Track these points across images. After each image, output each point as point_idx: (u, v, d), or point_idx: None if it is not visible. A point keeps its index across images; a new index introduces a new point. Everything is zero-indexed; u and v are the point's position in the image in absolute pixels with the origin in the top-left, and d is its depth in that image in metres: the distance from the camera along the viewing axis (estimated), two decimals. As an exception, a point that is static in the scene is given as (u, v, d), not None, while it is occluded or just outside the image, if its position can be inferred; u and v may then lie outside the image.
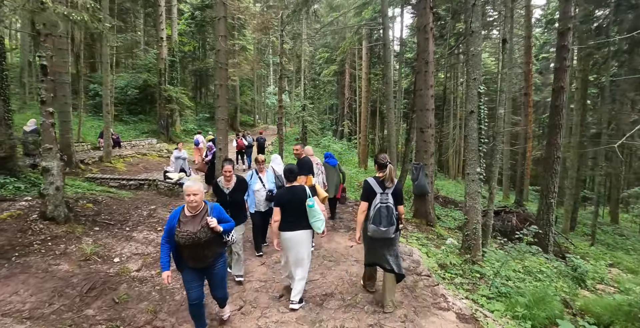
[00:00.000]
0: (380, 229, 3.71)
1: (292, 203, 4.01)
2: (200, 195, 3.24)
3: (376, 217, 3.73)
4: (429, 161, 9.25)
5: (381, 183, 3.85)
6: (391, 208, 3.76)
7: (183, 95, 22.01)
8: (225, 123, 9.46)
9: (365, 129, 20.51)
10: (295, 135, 34.70)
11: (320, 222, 4.01)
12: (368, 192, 3.89)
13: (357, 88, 24.61)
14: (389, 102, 11.54)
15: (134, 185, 11.11)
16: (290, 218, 4.02)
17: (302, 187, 4.13)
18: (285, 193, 4.08)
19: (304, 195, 4.02)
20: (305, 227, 4.06)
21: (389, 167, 3.89)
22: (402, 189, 4.34)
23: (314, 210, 3.98)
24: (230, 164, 4.75)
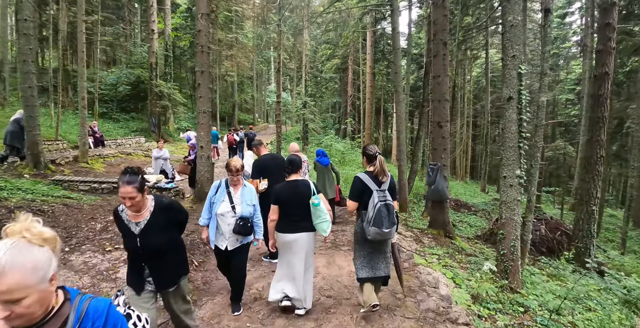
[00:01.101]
0: (383, 231, 3.25)
1: (293, 200, 3.48)
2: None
3: (377, 218, 3.24)
4: (447, 161, 7.81)
5: (375, 179, 3.39)
6: (392, 206, 3.34)
7: (175, 91, 20.67)
8: (209, 117, 8.07)
9: (369, 127, 19.08)
10: (297, 134, 33.31)
11: (326, 223, 3.47)
12: (360, 190, 3.40)
13: (361, 83, 23.21)
14: (399, 94, 10.11)
15: (107, 188, 9.73)
16: (291, 217, 3.49)
17: (305, 182, 3.57)
18: (285, 189, 3.54)
19: (307, 192, 3.50)
20: (308, 228, 3.53)
21: (378, 159, 3.45)
22: (395, 183, 3.68)
23: (320, 209, 3.44)
24: (135, 181, 2.33)
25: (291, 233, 3.49)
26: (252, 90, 37.98)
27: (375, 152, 3.50)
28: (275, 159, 5.15)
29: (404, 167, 10.49)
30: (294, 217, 3.50)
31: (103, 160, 13.09)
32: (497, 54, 41.72)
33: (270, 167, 4.95)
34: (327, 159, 7.37)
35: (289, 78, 49.73)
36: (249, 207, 3.54)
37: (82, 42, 11.78)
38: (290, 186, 3.55)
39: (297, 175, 3.66)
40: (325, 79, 38.04)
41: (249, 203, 3.56)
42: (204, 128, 8.01)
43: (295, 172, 3.66)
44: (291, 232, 3.49)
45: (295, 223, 3.50)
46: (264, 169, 4.96)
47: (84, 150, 11.96)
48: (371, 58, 18.86)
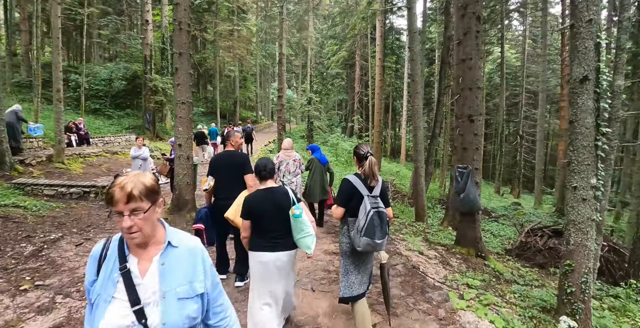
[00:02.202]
0: (375, 242, 2.78)
1: (269, 212, 2.83)
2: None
3: (369, 228, 2.77)
4: (480, 163, 6.35)
5: (365, 182, 2.91)
6: (384, 215, 2.87)
7: (171, 86, 19.30)
8: (188, 109, 6.68)
9: (379, 124, 17.62)
10: (301, 132, 31.92)
11: (310, 237, 2.84)
12: (349, 195, 2.90)
13: (370, 78, 21.74)
14: (416, 84, 8.66)
15: (76, 193, 8.42)
16: (268, 233, 2.84)
17: (282, 190, 2.93)
18: (259, 199, 2.88)
19: (286, 201, 2.86)
20: (288, 246, 2.88)
21: (369, 160, 2.94)
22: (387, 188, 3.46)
23: (302, 221, 2.80)
24: None
25: (270, 251, 2.84)
26: (256, 87, 36.61)
27: (367, 152, 3.03)
28: (230, 157, 4.10)
29: (421, 169, 9.03)
30: (271, 233, 2.85)
31: (83, 159, 11.80)
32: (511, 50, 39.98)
33: (221, 165, 4.06)
34: (325, 156, 6.36)
35: (295, 75, 48.39)
36: (185, 307, 1.26)
37: (57, 27, 10.46)
38: (264, 195, 2.89)
39: (271, 181, 3.00)
40: (332, 75, 36.60)
41: (186, 292, 1.28)
42: (183, 122, 6.63)
43: (270, 176, 3.00)
44: (270, 250, 2.84)
45: (273, 241, 2.85)
46: (214, 167, 4.11)
47: (60, 148, 10.67)
48: (381, 49, 17.38)
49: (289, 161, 6.10)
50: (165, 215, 6.51)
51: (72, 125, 13.51)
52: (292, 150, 6.22)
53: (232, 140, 4.29)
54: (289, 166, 6.09)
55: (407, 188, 14.91)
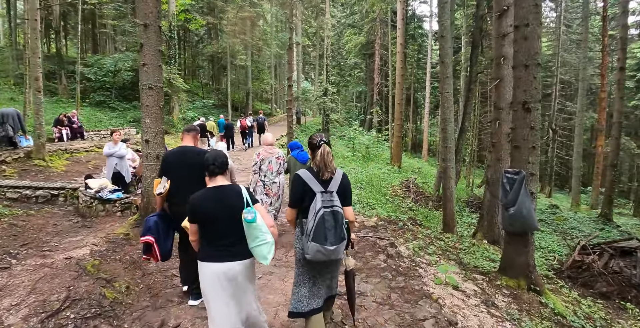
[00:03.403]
0: (327, 248, 2.35)
1: (218, 215, 2.37)
2: None
3: (319, 231, 2.36)
4: (537, 167, 4.74)
5: (318, 176, 2.51)
6: (340, 215, 2.43)
7: (177, 76, 18.15)
8: (158, 95, 5.31)
9: (400, 117, 15.96)
10: (317, 125, 30.48)
11: (266, 246, 2.36)
12: (301, 193, 2.52)
13: (390, 66, 20.00)
14: (446, 66, 7.07)
15: (43, 196, 7.24)
16: (218, 240, 2.40)
17: (234, 189, 2.47)
18: (206, 199, 2.41)
19: (238, 202, 2.40)
20: (243, 255, 2.42)
21: (321, 149, 2.55)
22: (349, 183, 2.66)
23: (256, 227, 2.33)
24: None
25: (220, 262, 2.35)
26: (271, 79, 35.22)
27: (319, 141, 2.58)
28: (188, 154, 3.41)
29: (451, 170, 7.45)
30: (221, 240, 2.39)
31: (70, 155, 10.69)
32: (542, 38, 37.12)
33: (177, 164, 3.40)
34: (305, 154, 5.44)
35: (312, 67, 46.77)
36: None
37: (34, 8, 9.28)
38: (212, 195, 2.41)
39: (223, 178, 2.48)
40: (350, 65, 34.90)
41: None
42: (151, 113, 5.27)
43: (221, 172, 2.47)
44: (220, 260, 2.35)
45: (223, 249, 2.39)
46: (168, 166, 3.43)
47: (40, 144, 9.57)
48: (402, 33, 15.65)
49: (271, 159, 5.31)
50: (126, 229, 5.19)
51: (64, 118, 12.45)
52: (274, 147, 5.44)
53: (193, 134, 3.57)
54: (272, 165, 5.31)
55: (430, 189, 13.29)
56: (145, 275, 4.10)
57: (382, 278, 3.99)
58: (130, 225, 5.32)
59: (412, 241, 6.43)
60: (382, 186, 11.82)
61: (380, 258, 4.56)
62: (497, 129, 7.51)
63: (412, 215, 9.83)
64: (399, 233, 6.89)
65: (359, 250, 4.94)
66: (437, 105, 38.21)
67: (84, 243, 4.78)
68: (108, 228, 5.58)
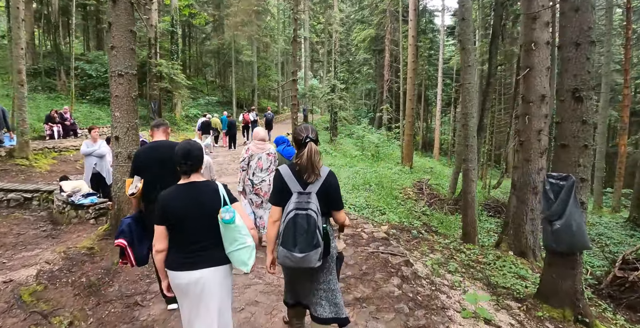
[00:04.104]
0: (294, 256, 2.10)
1: (190, 214, 2.06)
2: None
3: (287, 235, 2.13)
4: (589, 172, 3.82)
5: (300, 176, 2.21)
6: (313, 219, 2.10)
7: (178, 72, 17.42)
8: (129, 84, 4.52)
9: (411, 114, 15.03)
10: (325, 123, 29.62)
11: (246, 250, 2.07)
12: (280, 191, 2.26)
13: (402, 61, 19.05)
14: (467, 54, 6.17)
15: (15, 200, 6.52)
16: (190, 244, 2.08)
17: (209, 186, 2.17)
18: (177, 197, 2.09)
19: (214, 201, 2.09)
20: (217, 260, 2.10)
21: (308, 147, 2.21)
22: (337, 186, 2.29)
23: (235, 228, 2.04)
24: None
25: (190, 270, 2.04)
26: (278, 77, 34.43)
27: (306, 137, 2.24)
28: (162, 149, 3.08)
29: (473, 172, 6.54)
30: (193, 244, 2.07)
31: (58, 154, 10.01)
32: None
33: (150, 161, 3.06)
34: (292, 149, 4.89)
35: (320, 64, 45.84)
36: None
37: (17, -7, 8.59)
38: (185, 192, 2.10)
39: (197, 175, 2.18)
40: (359, 61, 33.97)
41: None
42: (122, 105, 4.47)
43: (195, 170, 2.15)
44: (190, 268, 2.04)
45: (196, 254, 2.06)
46: (141, 164, 3.08)
47: (23, 141, 8.88)
48: (414, 26, 14.71)
49: (261, 155, 4.70)
50: (93, 241, 4.40)
51: (55, 115, 11.78)
52: (266, 142, 4.84)
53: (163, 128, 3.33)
54: (262, 161, 4.71)
55: (444, 190, 12.36)
56: (100, 304, 3.31)
57: (396, 312, 3.13)
58: (97, 237, 4.53)
59: (429, 254, 5.55)
60: (393, 188, 10.93)
61: (393, 283, 3.70)
62: (526, 125, 6.57)
63: (426, 221, 8.95)
64: (414, 245, 6.02)
65: (367, 270, 4.08)
66: (449, 102, 37.15)
67: (36, 260, 4.00)
68: (74, 239, 4.81)
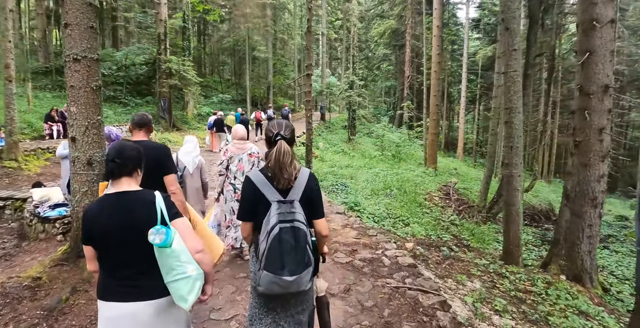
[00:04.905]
0: (284, 280, 1.72)
1: (116, 234, 1.63)
2: None
3: (272, 255, 1.73)
4: None
5: (272, 180, 1.86)
6: (302, 232, 1.77)
7: (188, 68, 16.67)
8: (89, 71, 3.59)
9: (436, 111, 13.81)
10: (343, 122, 28.56)
11: (185, 281, 1.63)
12: (253, 202, 1.86)
13: (425, 55, 17.79)
14: (512, 35, 5.05)
15: (-16, 209, 5.70)
16: (118, 270, 1.66)
17: (143, 197, 1.70)
18: (101, 211, 1.66)
19: (147, 216, 1.64)
20: (152, 292, 1.66)
21: (278, 146, 1.85)
22: (319, 190, 1.98)
23: (171, 254, 1.60)
24: None
25: (121, 301, 1.63)
26: (295, 74, 33.52)
27: (276, 134, 1.87)
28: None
29: (518, 179, 5.41)
30: (123, 270, 1.65)
31: (52, 155, 9.28)
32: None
33: None
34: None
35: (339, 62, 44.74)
36: None
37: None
38: (111, 204, 1.66)
39: (130, 181, 1.73)
40: (378, 57, 32.74)
41: None
42: (78, 97, 3.55)
43: (126, 172, 1.72)
44: (121, 299, 1.63)
45: (127, 282, 1.64)
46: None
47: (11, 142, 8.18)
48: (439, 15, 13.49)
49: (242, 156, 4.14)
50: (43, 270, 3.50)
51: (54, 114, 11.13)
52: (246, 142, 4.26)
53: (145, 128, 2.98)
54: (243, 164, 4.14)
55: (474, 196, 11.13)
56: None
57: None
58: (51, 263, 3.64)
59: (467, 282, 4.46)
60: (417, 193, 9.80)
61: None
62: (583, 122, 5.38)
63: (456, 232, 7.81)
64: (446, 269, 4.93)
65: (391, 318, 3.03)
66: (473, 99, 35.45)
67: (-38, 296, 3.12)
68: (27, 263, 3.94)
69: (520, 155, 5.41)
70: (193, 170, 4.30)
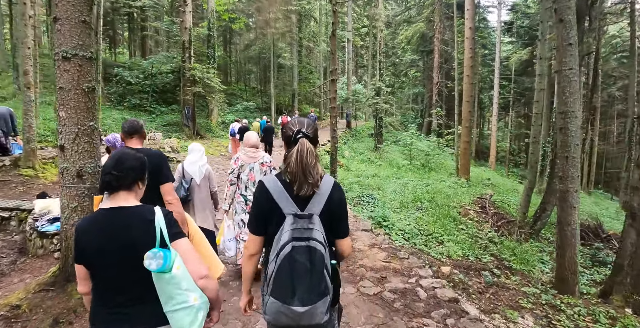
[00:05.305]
0: (294, 310, 1.42)
1: (108, 256, 1.46)
2: None
3: (281, 280, 1.45)
4: None
5: (292, 190, 1.55)
6: (319, 254, 1.45)
7: (212, 76, 16.52)
8: (79, 73, 3.16)
9: (468, 118, 12.98)
10: (369, 130, 27.89)
11: (187, 311, 1.45)
12: (264, 212, 1.58)
13: (456, 59, 16.98)
14: (567, 27, 4.40)
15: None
16: (111, 295, 1.49)
17: (140, 214, 1.51)
18: (93, 229, 1.49)
19: (144, 236, 1.46)
20: (150, 320, 1.47)
21: (298, 145, 1.54)
22: (344, 203, 1.65)
23: (170, 281, 1.42)
24: None
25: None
26: (321, 81, 33.19)
27: (297, 132, 1.56)
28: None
29: (574, 195, 4.65)
30: (119, 295, 1.47)
31: (71, 164, 9.06)
32: None
33: None
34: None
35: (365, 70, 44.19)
36: None
37: (25, -13, 7.78)
38: (105, 221, 1.49)
39: (128, 195, 1.54)
40: (405, 63, 32.00)
41: None
42: (68, 101, 3.13)
43: (125, 186, 1.53)
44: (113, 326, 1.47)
45: (121, 310, 1.47)
46: None
47: (29, 149, 8.02)
48: (472, 16, 12.73)
49: (253, 165, 3.82)
50: (25, 296, 3.06)
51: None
52: (258, 150, 3.93)
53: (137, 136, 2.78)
54: (254, 173, 3.81)
55: (512, 209, 10.22)
56: None
57: None
58: (37, 287, 3.20)
59: (518, 319, 3.73)
60: (450, 206, 9.02)
61: None
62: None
63: (496, 251, 7.00)
64: (491, 300, 4.21)
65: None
66: (505, 106, 34.03)
67: None
68: (14, 285, 3.52)
69: (578, 167, 4.65)
70: (200, 181, 4.01)
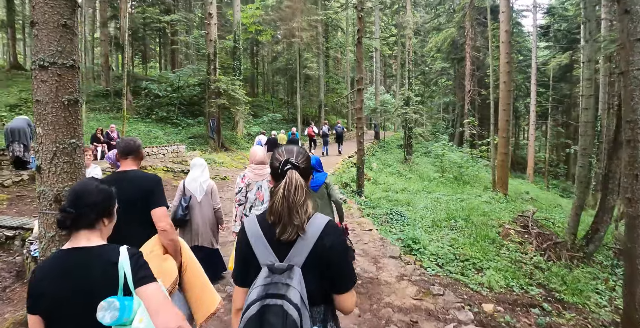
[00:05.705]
0: None
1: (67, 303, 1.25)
2: None
3: None
4: None
5: (271, 232, 1.31)
6: (292, 321, 1.09)
7: (237, 87, 16.37)
8: (57, 84, 2.71)
9: (506, 127, 12.08)
10: (398, 141, 27.10)
11: None
12: (244, 260, 1.35)
13: (492, 65, 16.08)
14: (636, 20, 3.69)
15: (-7, 241, 5.19)
16: None
17: (105, 256, 1.32)
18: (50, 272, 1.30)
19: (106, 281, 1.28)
20: None
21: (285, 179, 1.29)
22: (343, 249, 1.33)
23: None
24: None
25: None
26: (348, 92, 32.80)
27: (285, 162, 1.32)
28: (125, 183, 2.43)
29: None
30: None
31: (90, 178, 8.91)
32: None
33: None
34: (323, 174, 3.56)
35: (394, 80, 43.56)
36: None
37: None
38: (63, 264, 1.31)
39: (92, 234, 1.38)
40: (435, 71, 31.12)
41: None
42: (45, 115, 2.71)
43: (86, 224, 1.36)
44: None
45: None
46: None
47: (47, 164, 7.84)
48: (507, 18, 11.93)
49: (261, 183, 3.49)
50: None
51: (100, 135, 11.03)
52: (266, 166, 3.49)
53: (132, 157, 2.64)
54: (262, 192, 3.46)
55: (558, 229, 9.22)
56: None
57: None
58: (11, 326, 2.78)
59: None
60: (488, 225, 8.19)
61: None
62: None
63: (543, 280, 6.14)
64: (547, 351, 3.47)
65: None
66: (542, 114, 32.36)
67: None
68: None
69: None
70: (202, 198, 3.75)
